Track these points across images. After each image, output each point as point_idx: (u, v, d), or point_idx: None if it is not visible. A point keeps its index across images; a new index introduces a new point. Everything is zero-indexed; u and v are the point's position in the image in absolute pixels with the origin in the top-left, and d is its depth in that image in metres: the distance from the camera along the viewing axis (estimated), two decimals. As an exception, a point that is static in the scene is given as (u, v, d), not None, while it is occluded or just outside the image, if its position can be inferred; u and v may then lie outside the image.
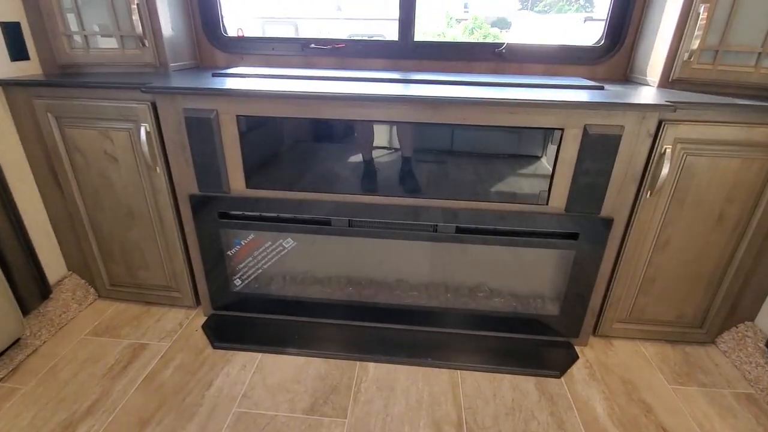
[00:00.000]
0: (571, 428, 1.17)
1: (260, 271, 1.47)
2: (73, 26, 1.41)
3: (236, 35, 1.71)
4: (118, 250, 1.51)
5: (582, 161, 1.15)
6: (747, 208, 1.24)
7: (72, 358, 1.37)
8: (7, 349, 1.35)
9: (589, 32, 1.61)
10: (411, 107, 1.14)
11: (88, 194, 1.43)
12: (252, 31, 1.71)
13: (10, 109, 1.35)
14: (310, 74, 1.41)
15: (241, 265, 1.46)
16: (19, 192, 1.40)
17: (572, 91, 1.24)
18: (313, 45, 1.67)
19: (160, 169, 1.32)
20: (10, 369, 1.31)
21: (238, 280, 1.48)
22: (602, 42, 1.58)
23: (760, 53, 1.26)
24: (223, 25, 1.70)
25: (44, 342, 1.43)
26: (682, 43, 1.31)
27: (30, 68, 1.42)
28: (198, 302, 1.58)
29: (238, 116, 1.20)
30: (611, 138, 1.11)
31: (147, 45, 1.44)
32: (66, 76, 1.40)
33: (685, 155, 1.18)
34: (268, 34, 1.70)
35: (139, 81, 1.28)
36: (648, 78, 1.44)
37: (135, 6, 1.38)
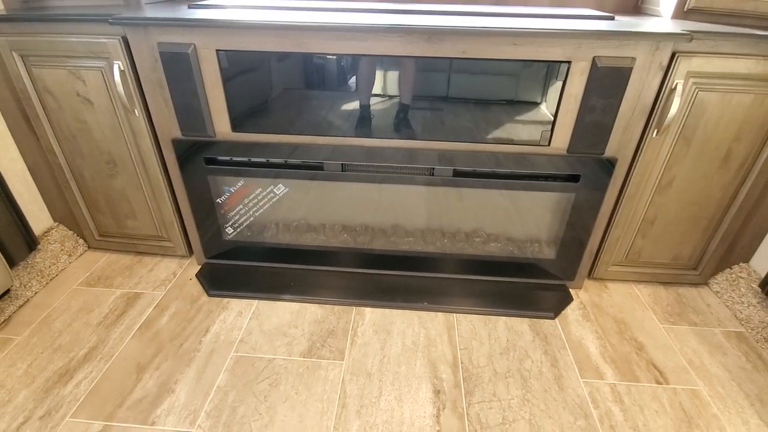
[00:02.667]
0: (564, 365, 1.19)
1: (252, 219, 1.43)
2: (29, -50, 1.27)
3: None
4: (104, 199, 1.46)
5: (589, 97, 1.08)
6: (755, 146, 1.19)
7: (65, 308, 1.36)
8: (-3, 300, 1.33)
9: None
10: (405, 39, 1.05)
11: (64, 140, 1.35)
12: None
13: (-32, 47, 1.24)
14: (297, 5, 1.29)
15: (232, 213, 1.41)
16: (-9, 139, 1.33)
17: (581, 21, 1.15)
18: (298, -27, 1.52)
19: (138, 112, 1.24)
20: (2, 320, 1.30)
21: (229, 228, 1.44)
22: (614, -32, 1.46)
23: (785, -24, 1.16)
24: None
25: (35, 293, 1.41)
26: (701, -35, 1.20)
27: (-14, 0, 1.28)
28: (190, 251, 1.56)
29: (218, 51, 1.10)
30: (622, 71, 1.04)
31: (114, -28, 1.30)
32: (30, 11, 1.28)
33: (696, 90, 1.11)
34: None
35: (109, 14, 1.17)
36: (660, 9, 1.34)
37: (96, -75, 1.23)
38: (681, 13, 1.27)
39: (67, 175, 1.42)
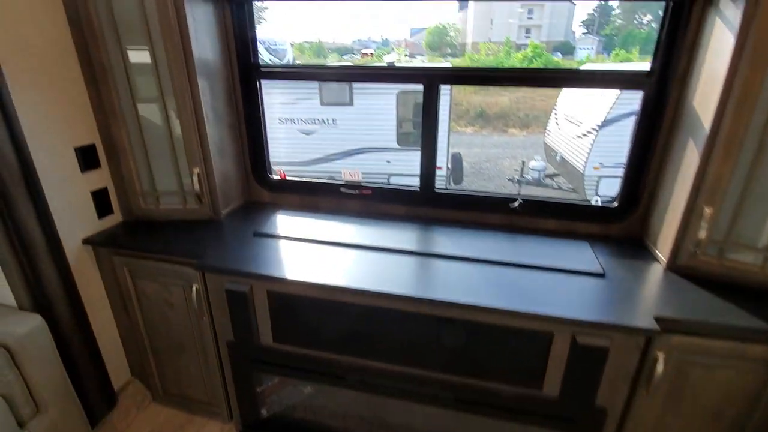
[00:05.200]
0: None
1: (283, 407, 1.66)
2: (147, 187, 1.72)
3: (278, 176, 1.96)
4: (171, 368, 1.78)
5: (571, 363, 1.23)
6: (745, 408, 1.24)
7: (128, 467, 1.64)
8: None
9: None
10: (420, 305, 1.28)
11: (150, 325, 1.71)
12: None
13: (96, 259, 1.68)
14: (336, 239, 1.59)
15: (268, 399, 1.66)
16: (97, 317, 1.71)
17: (572, 279, 1.33)
18: (343, 189, 1.88)
19: (206, 319, 1.57)
20: (81, 474, 1.60)
21: (264, 410, 1.68)
22: (616, 204, 1.64)
23: (767, 255, 1.26)
24: (269, 167, 1.96)
25: (108, 447, 1.72)
26: (687, 232, 1.35)
27: (113, 219, 1.74)
28: (231, 417, 1.81)
29: (267, 290, 1.41)
30: (599, 349, 1.19)
31: (204, 202, 1.72)
32: (141, 226, 1.71)
33: (680, 362, 1.21)
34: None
35: (197, 232, 1.60)
36: (659, 252, 1.48)
37: (196, 174, 1.66)
38: (674, 265, 1.40)
39: (147, 347, 1.77)
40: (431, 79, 1.64)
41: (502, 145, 11.38)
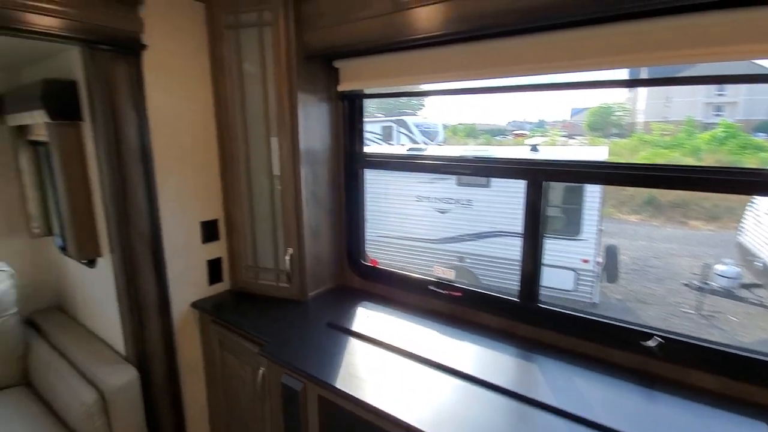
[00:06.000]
0: None
1: None
2: (251, 261, 1.85)
3: (370, 263, 1.90)
4: (238, 446, 1.76)
5: None
6: None
7: None
8: None
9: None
10: None
11: (229, 398, 1.75)
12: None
13: (199, 323, 1.83)
14: (412, 347, 1.39)
15: None
16: (188, 381, 1.82)
17: None
18: (430, 287, 1.70)
19: (267, 404, 1.52)
20: None
21: None
22: (827, 369, 1.06)
23: None
24: (363, 253, 1.93)
25: None
26: None
27: (221, 287, 1.90)
28: None
29: (319, 395, 1.29)
30: None
31: (293, 282, 1.75)
32: (240, 298, 1.83)
33: None
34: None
35: (279, 312, 1.68)
36: None
37: (289, 254, 1.72)
38: None
39: (224, 420, 1.80)
40: (536, 175, 1.41)
41: (679, 239, 9.45)
